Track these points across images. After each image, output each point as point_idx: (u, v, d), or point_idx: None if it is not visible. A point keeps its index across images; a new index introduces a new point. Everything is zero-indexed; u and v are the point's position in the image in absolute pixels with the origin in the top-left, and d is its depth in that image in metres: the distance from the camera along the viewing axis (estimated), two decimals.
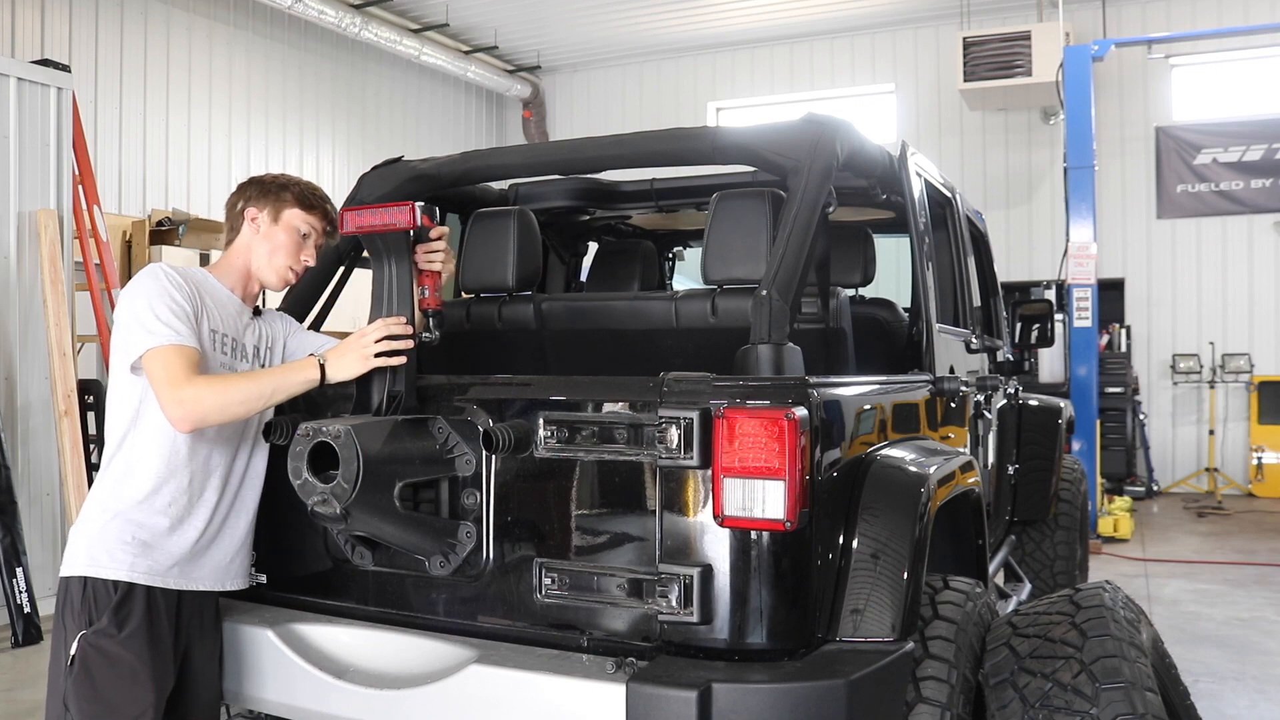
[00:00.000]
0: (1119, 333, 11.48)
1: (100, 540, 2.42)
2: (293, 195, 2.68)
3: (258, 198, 2.69)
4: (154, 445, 2.45)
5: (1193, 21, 11.38)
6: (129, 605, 2.41)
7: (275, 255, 2.67)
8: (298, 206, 2.68)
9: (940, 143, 12.47)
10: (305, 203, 2.69)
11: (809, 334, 3.02)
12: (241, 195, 2.72)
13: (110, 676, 2.39)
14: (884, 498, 2.38)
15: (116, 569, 2.41)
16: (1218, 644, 5.53)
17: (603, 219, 4.35)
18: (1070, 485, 5.36)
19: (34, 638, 5.56)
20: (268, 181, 2.72)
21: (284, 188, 2.69)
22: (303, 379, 2.48)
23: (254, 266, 2.68)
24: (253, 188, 2.72)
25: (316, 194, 2.74)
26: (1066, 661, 2.38)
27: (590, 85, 14.45)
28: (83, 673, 2.38)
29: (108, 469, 2.49)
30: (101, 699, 2.38)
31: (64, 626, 2.43)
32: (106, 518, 2.44)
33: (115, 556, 2.41)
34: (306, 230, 2.69)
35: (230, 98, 10.86)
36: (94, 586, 2.41)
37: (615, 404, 2.29)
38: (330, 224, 2.75)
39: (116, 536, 2.42)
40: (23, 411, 6.02)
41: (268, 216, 2.67)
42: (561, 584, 2.31)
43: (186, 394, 2.34)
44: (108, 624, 2.39)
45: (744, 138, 2.85)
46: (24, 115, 6.08)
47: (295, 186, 2.71)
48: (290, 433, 2.44)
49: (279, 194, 2.68)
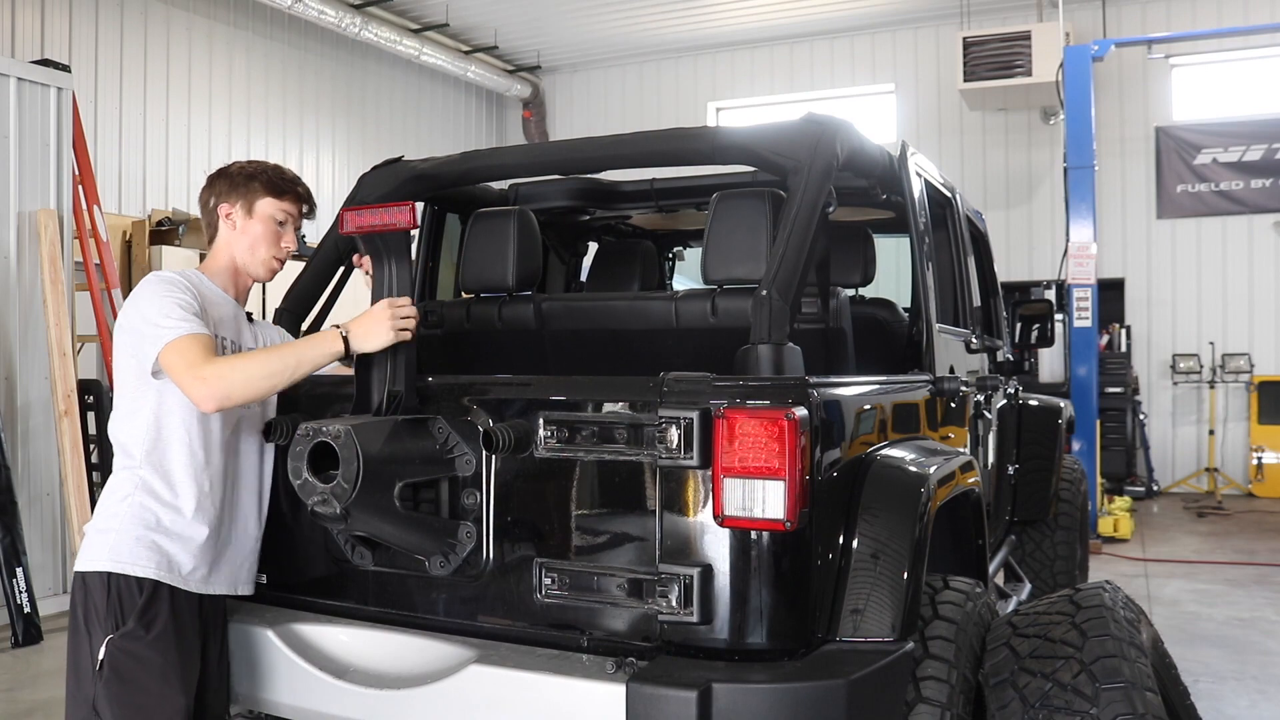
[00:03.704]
0: (1119, 333, 11.47)
1: (124, 540, 2.40)
2: (262, 185, 2.63)
3: (227, 193, 2.64)
4: (175, 453, 2.44)
5: (1193, 21, 11.37)
6: (155, 607, 2.39)
7: (257, 248, 2.64)
8: (269, 195, 2.63)
9: (940, 143, 12.46)
10: (276, 190, 2.64)
11: (809, 334, 3.02)
12: (211, 192, 2.67)
13: (143, 679, 2.36)
14: (884, 498, 2.38)
15: (144, 567, 2.39)
16: (1218, 644, 5.53)
17: (603, 219, 4.35)
18: (1070, 485, 5.36)
19: (34, 638, 5.56)
20: (234, 174, 2.66)
21: (251, 178, 2.64)
22: (328, 350, 2.42)
23: (239, 262, 2.65)
24: (221, 182, 2.66)
25: (286, 177, 2.68)
26: (1066, 661, 2.38)
27: (590, 85, 14.45)
28: (114, 677, 2.35)
29: (125, 475, 2.45)
30: (135, 703, 2.36)
31: (86, 630, 2.39)
32: (128, 519, 2.41)
33: (140, 555, 2.39)
34: (283, 217, 2.66)
35: (230, 98, 10.85)
36: (118, 585, 2.38)
37: (615, 404, 2.29)
38: (307, 204, 2.71)
39: (139, 538, 2.40)
40: (23, 411, 6.02)
41: (241, 211, 2.63)
42: (561, 584, 2.31)
43: (208, 371, 2.32)
44: (135, 626, 2.37)
45: (744, 138, 2.85)
46: (24, 115, 6.08)
47: (263, 174, 2.65)
48: (290, 433, 2.44)
49: (248, 185, 2.63)
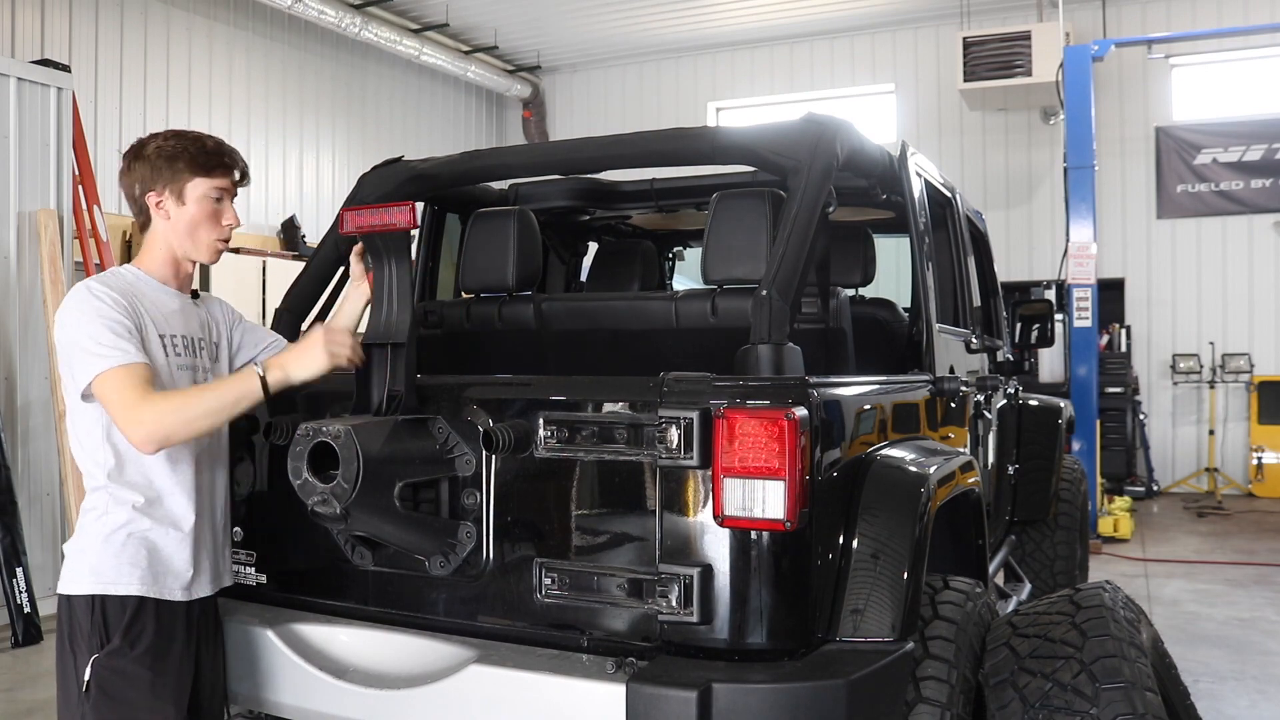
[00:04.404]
0: (1119, 333, 11.47)
1: (104, 559, 2.35)
2: (186, 165, 2.40)
3: (151, 179, 2.41)
4: (137, 465, 2.37)
5: (1193, 21, 11.37)
6: (140, 622, 2.36)
7: (197, 234, 2.44)
8: (198, 175, 2.41)
9: (940, 143, 12.46)
10: (203, 167, 2.42)
11: (809, 334, 3.02)
12: (132, 178, 2.42)
13: (130, 696, 2.34)
14: (884, 498, 2.38)
15: (128, 585, 2.35)
16: (1218, 644, 5.53)
17: (603, 219, 4.35)
18: (1070, 485, 5.36)
19: (34, 638, 5.56)
20: (152, 156, 2.40)
21: (173, 159, 2.39)
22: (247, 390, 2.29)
23: (179, 252, 2.46)
24: (140, 167, 2.41)
25: (209, 150, 2.44)
26: (1066, 661, 2.38)
27: (590, 85, 14.45)
28: (101, 696, 2.32)
29: (97, 494, 2.38)
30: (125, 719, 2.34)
31: (71, 651, 2.35)
32: (105, 537, 2.36)
33: (123, 573, 2.35)
34: (218, 194, 2.45)
35: (230, 98, 10.85)
36: (104, 606, 2.34)
37: (615, 404, 2.29)
38: (239, 171, 2.49)
39: (119, 554, 2.35)
40: (23, 411, 6.02)
41: (171, 197, 2.41)
42: (561, 584, 2.31)
43: (146, 415, 2.21)
44: (120, 643, 2.33)
45: (744, 138, 2.85)
46: (24, 115, 6.08)
47: (185, 154, 2.40)
48: (290, 433, 2.44)
49: (171, 168, 2.39)
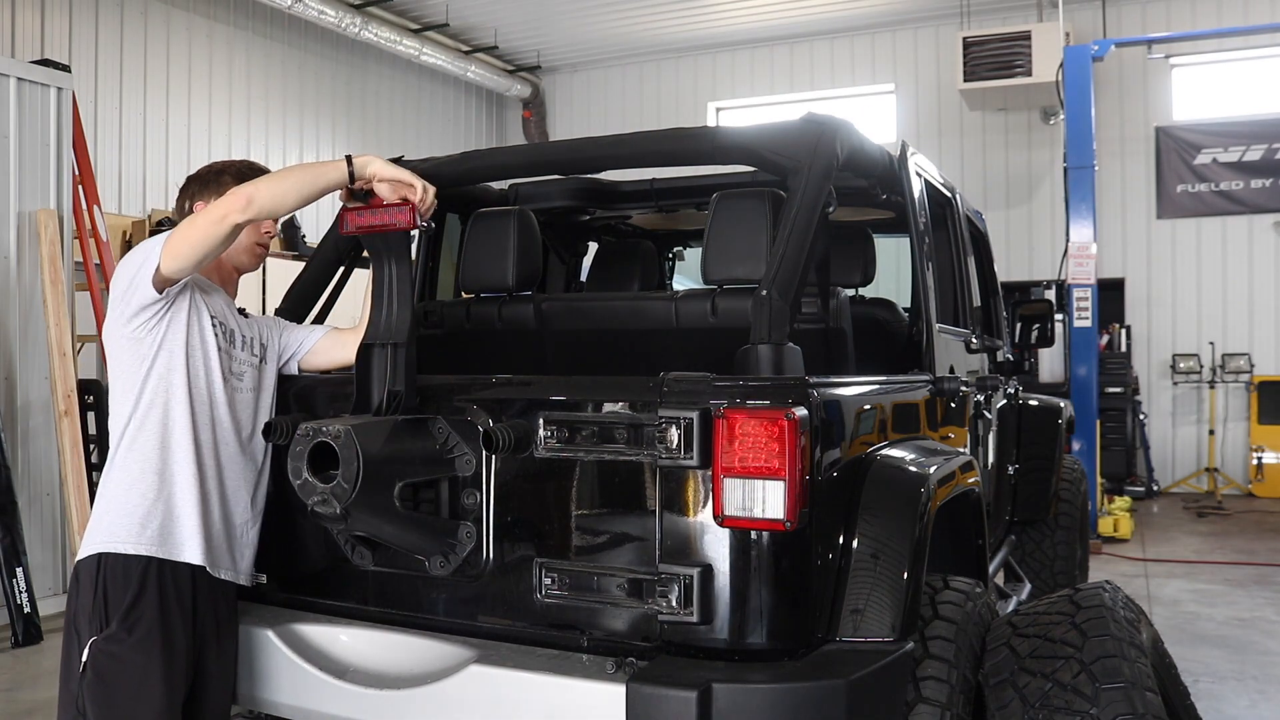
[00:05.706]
0: (1119, 333, 11.47)
1: (119, 519, 2.42)
2: (231, 176, 2.68)
3: (200, 191, 2.71)
4: (162, 429, 2.46)
5: (1193, 21, 11.38)
6: (140, 607, 2.40)
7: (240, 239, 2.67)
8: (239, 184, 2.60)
9: (940, 143, 12.47)
10: (245, 178, 2.64)
11: (809, 334, 3.02)
12: (185, 196, 2.76)
13: (123, 682, 2.38)
14: (884, 498, 2.38)
15: (136, 543, 2.41)
16: (1218, 644, 5.53)
17: (603, 219, 4.35)
18: (1070, 485, 5.36)
19: (34, 638, 5.56)
20: (204, 174, 2.75)
21: (220, 173, 2.72)
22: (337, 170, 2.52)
23: (224, 255, 2.66)
24: (193, 185, 2.75)
25: (254, 168, 2.74)
26: (1066, 661, 2.38)
27: (590, 85, 14.45)
28: (96, 679, 2.37)
29: (119, 457, 2.48)
30: (116, 704, 2.37)
31: (75, 630, 2.43)
32: (122, 498, 2.44)
33: (133, 531, 2.41)
34: None
35: (230, 98, 10.85)
36: (106, 575, 2.40)
37: (615, 404, 2.29)
38: None
39: (131, 513, 2.42)
40: (23, 411, 6.01)
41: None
42: (561, 584, 2.31)
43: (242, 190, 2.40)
44: (118, 629, 2.38)
45: (744, 138, 2.85)
46: (24, 115, 6.08)
47: (231, 168, 2.73)
48: (290, 433, 2.44)
49: (218, 180, 2.69)
